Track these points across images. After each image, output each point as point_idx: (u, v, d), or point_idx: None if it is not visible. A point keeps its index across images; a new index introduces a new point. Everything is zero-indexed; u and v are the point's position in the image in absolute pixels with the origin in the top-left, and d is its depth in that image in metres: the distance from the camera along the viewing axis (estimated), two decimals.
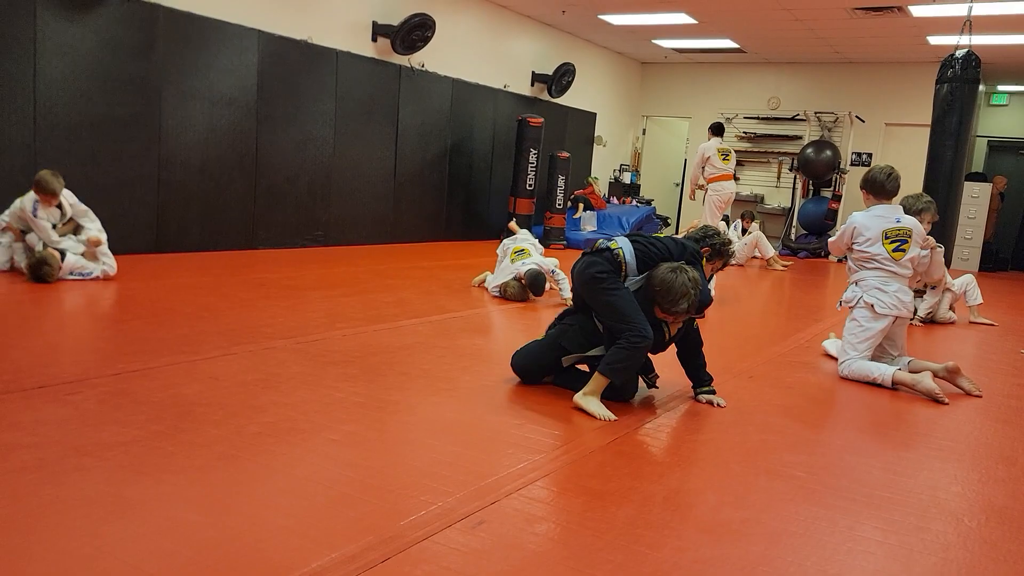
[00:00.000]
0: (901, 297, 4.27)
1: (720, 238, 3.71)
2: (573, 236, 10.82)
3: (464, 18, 10.05)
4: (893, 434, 3.50)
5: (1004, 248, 12.91)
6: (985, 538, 2.38)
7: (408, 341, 4.34)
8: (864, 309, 4.28)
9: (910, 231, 4.30)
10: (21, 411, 2.78)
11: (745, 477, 2.72)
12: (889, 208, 4.35)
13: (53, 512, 2.05)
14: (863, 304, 4.28)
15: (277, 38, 7.61)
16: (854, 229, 4.32)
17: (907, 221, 4.33)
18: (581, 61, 12.29)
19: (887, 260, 4.27)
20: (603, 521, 2.26)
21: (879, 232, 4.27)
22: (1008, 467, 3.07)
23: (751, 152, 13.62)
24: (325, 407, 3.08)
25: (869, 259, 4.30)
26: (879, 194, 4.35)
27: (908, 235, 4.30)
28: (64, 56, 6.06)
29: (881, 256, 4.27)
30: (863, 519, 2.44)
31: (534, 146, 10.30)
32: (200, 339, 3.99)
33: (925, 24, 9.61)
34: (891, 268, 4.28)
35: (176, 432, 2.68)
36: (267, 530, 2.05)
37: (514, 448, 2.80)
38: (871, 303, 4.25)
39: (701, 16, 10.28)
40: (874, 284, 4.28)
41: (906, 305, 4.30)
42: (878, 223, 4.29)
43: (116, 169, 6.41)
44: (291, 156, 7.95)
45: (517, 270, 5.98)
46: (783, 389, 4.03)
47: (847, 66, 12.72)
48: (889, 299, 4.23)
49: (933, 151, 7.85)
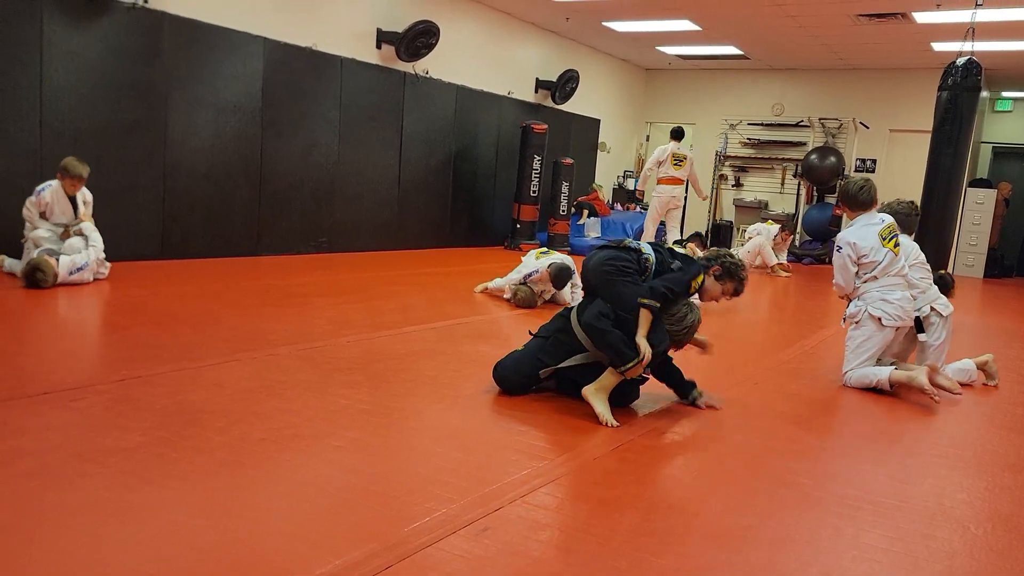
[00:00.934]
0: (904, 306, 4.25)
1: (733, 259, 3.65)
2: (577, 242, 10.81)
3: (468, 25, 10.07)
4: (898, 441, 3.49)
5: (1009, 254, 12.87)
6: (991, 546, 2.37)
7: (412, 348, 4.34)
8: (870, 323, 4.25)
9: (894, 225, 4.35)
10: (26, 417, 2.78)
11: (749, 484, 2.71)
12: (870, 215, 4.35)
13: (56, 517, 2.05)
14: (869, 317, 4.25)
15: (282, 45, 7.64)
16: (853, 246, 4.26)
17: (888, 218, 4.37)
18: (585, 68, 12.31)
19: (892, 264, 4.24)
20: (607, 528, 2.25)
21: (875, 237, 4.25)
22: (1015, 475, 3.06)
23: (755, 158, 13.62)
24: (329, 414, 3.08)
25: (874, 267, 4.25)
26: (856, 207, 4.36)
27: (896, 229, 4.35)
28: (70, 63, 6.08)
29: (888, 260, 4.23)
30: (868, 527, 2.43)
31: (538, 152, 10.32)
32: (204, 346, 4.00)
33: (929, 31, 9.61)
34: (894, 273, 4.26)
35: (180, 438, 2.68)
36: (270, 536, 2.05)
37: (518, 455, 2.80)
38: (878, 316, 4.22)
39: (705, 23, 10.29)
40: (878, 296, 4.24)
41: (909, 313, 4.29)
42: (869, 231, 4.27)
43: (121, 175, 6.42)
44: (296, 163, 7.97)
45: (540, 265, 5.92)
46: (787, 396, 4.02)
47: (851, 72, 12.72)
48: (894, 309, 4.21)
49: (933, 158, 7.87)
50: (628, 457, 2.87)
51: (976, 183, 12.07)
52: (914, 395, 4.17)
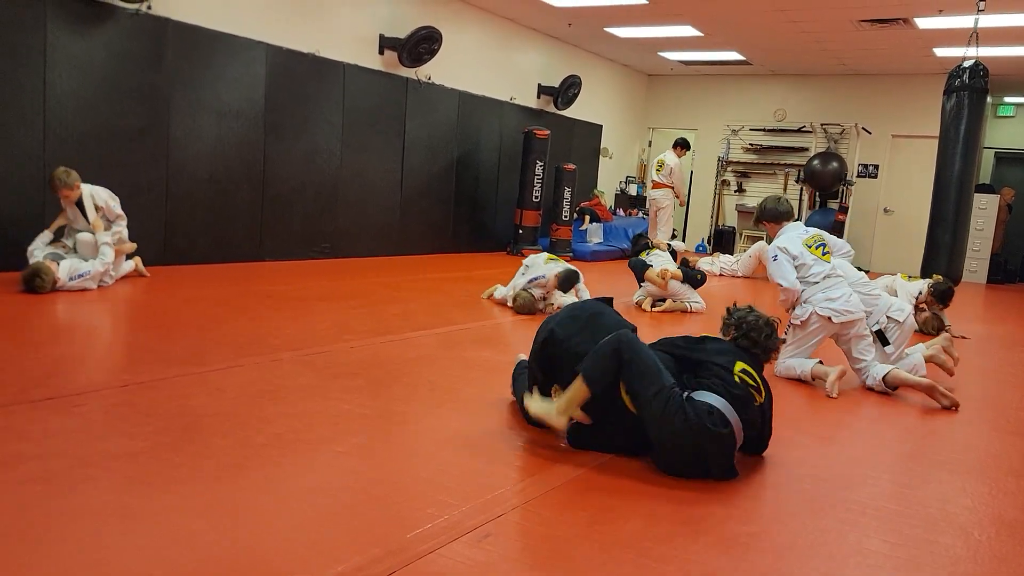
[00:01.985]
0: (849, 299, 4.40)
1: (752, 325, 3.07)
2: (580, 248, 10.82)
3: (470, 31, 10.09)
4: (901, 446, 3.49)
5: (1012, 260, 12.85)
6: (995, 552, 2.36)
7: (415, 353, 4.34)
8: (819, 322, 4.37)
9: (823, 236, 4.61)
10: (29, 422, 2.78)
11: (752, 490, 2.70)
12: (793, 224, 4.64)
13: (60, 522, 2.05)
14: (817, 317, 4.37)
15: (285, 51, 7.66)
16: (784, 250, 4.45)
17: (814, 229, 4.65)
18: (587, 73, 12.33)
19: (818, 263, 4.43)
20: (610, 534, 2.25)
21: (800, 244, 4.49)
22: (1018, 480, 3.05)
23: (757, 164, 13.62)
24: (331, 419, 3.08)
25: (807, 270, 4.43)
26: (779, 219, 4.65)
27: (823, 240, 4.58)
28: (74, 68, 6.10)
29: (814, 263, 4.43)
30: (871, 532, 2.42)
31: (540, 158, 10.32)
32: (207, 351, 4.00)
33: (931, 36, 9.62)
34: (827, 273, 4.41)
35: (182, 443, 2.68)
36: (273, 540, 2.05)
37: (520, 461, 2.79)
38: (827, 315, 4.34)
39: (707, 29, 10.30)
40: (823, 297, 4.38)
41: (855, 307, 4.39)
42: (794, 238, 4.51)
43: (124, 180, 6.43)
44: (298, 168, 7.98)
45: (548, 271, 5.93)
46: (789, 401, 4.01)
47: (853, 78, 12.72)
48: (840, 305, 4.35)
49: (941, 162, 7.80)
50: (630, 464, 2.86)
51: (979, 188, 12.04)
52: (916, 398, 4.17)
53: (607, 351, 2.76)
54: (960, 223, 7.73)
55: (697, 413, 2.64)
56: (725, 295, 7.98)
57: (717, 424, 2.65)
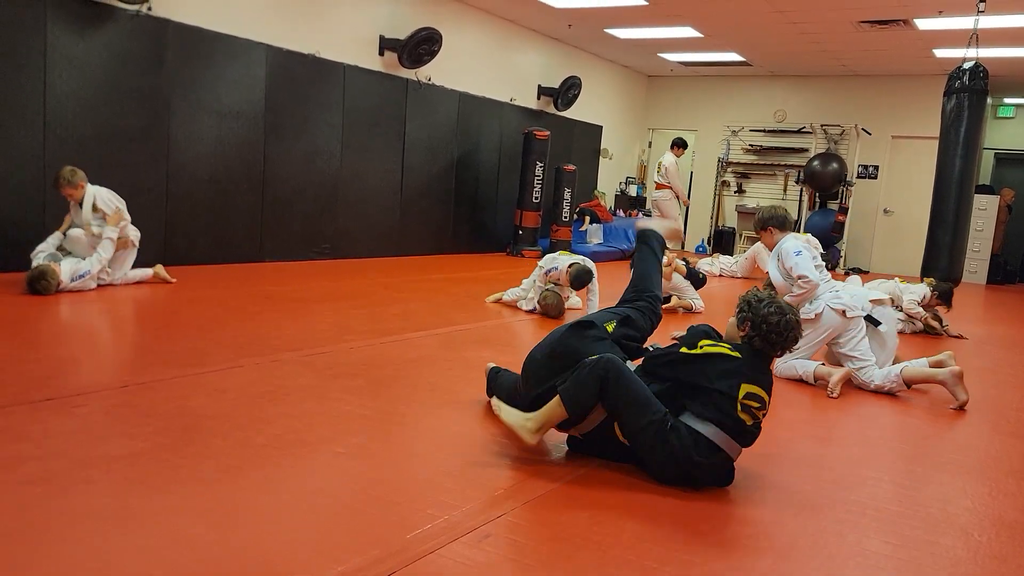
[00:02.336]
0: (855, 295, 4.51)
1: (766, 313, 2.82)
2: (579, 249, 10.82)
3: (471, 32, 10.10)
4: (901, 448, 3.49)
5: (1012, 260, 12.85)
6: (995, 553, 2.36)
7: (415, 354, 4.34)
8: (832, 316, 4.39)
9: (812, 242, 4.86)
10: (29, 423, 2.78)
11: (751, 491, 2.70)
12: (794, 234, 4.74)
13: (59, 523, 2.05)
14: (831, 311, 4.39)
15: (285, 52, 7.66)
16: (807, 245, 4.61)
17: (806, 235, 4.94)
18: (587, 74, 12.33)
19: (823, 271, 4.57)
20: (610, 536, 2.25)
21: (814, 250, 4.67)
22: (1018, 481, 3.05)
23: (757, 164, 13.63)
24: (332, 420, 3.08)
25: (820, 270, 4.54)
26: (785, 227, 4.73)
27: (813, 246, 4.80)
28: (74, 69, 6.10)
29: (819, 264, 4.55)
30: (872, 533, 2.42)
31: (540, 159, 10.33)
32: (207, 351, 4.00)
33: (931, 37, 9.62)
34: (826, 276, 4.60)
35: (182, 444, 2.68)
36: (273, 542, 2.05)
37: (521, 461, 2.79)
38: (841, 309, 4.37)
39: (707, 30, 10.31)
40: (831, 295, 4.44)
41: (861, 303, 4.48)
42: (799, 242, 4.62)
43: (124, 181, 6.42)
44: (298, 169, 7.98)
45: (562, 263, 5.83)
46: (789, 401, 4.01)
47: (853, 79, 12.73)
48: (848, 300, 4.41)
49: (941, 163, 7.79)
50: (631, 465, 2.86)
51: (979, 189, 12.04)
52: (916, 398, 4.17)
53: (590, 379, 2.65)
54: (960, 224, 7.73)
55: (683, 444, 2.59)
56: (725, 295, 7.99)
57: (703, 453, 2.59)
